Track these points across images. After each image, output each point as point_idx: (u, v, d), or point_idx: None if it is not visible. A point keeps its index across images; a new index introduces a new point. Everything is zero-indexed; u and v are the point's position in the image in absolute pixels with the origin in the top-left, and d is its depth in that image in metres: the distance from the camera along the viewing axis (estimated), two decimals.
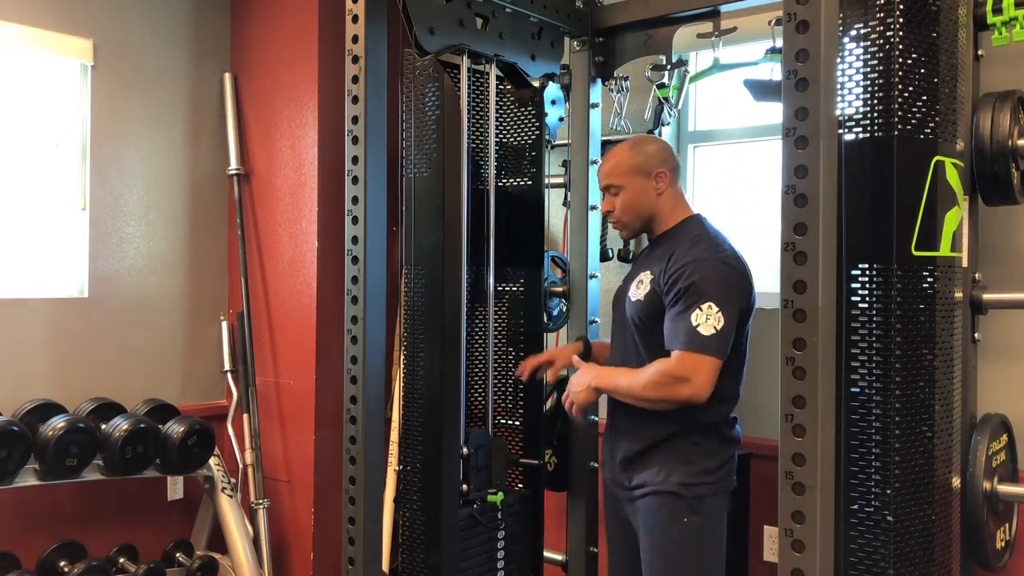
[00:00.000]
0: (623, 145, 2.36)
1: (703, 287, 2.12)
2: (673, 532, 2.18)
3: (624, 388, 2.23)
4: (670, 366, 2.13)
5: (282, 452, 3.52)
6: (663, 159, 2.32)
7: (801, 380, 1.75)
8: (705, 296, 2.11)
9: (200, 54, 3.64)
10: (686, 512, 2.18)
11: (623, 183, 2.32)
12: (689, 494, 2.19)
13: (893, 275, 1.88)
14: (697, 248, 2.21)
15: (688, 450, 2.22)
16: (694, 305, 2.11)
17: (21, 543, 3.00)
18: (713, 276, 2.14)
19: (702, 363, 2.10)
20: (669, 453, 2.22)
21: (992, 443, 2.21)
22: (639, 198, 2.32)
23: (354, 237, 2.38)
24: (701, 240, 2.25)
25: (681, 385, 2.11)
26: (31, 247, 3.24)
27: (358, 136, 2.37)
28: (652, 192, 2.31)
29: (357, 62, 2.35)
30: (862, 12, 1.92)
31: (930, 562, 1.90)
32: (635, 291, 2.31)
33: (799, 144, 1.75)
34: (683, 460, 2.21)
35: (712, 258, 2.18)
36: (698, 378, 2.09)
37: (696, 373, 2.09)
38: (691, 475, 2.20)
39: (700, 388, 2.09)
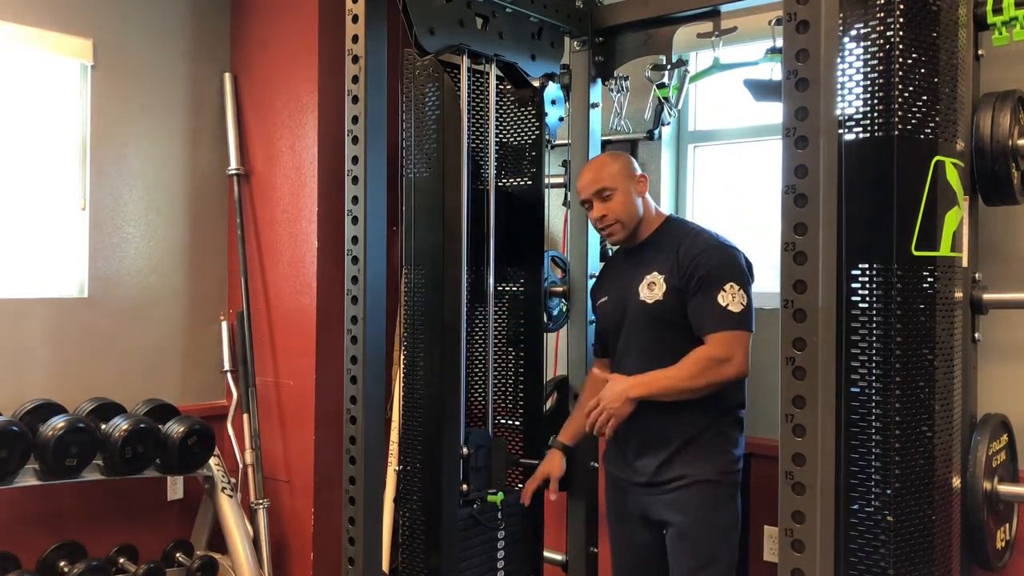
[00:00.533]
0: (601, 158, 2.50)
1: (721, 271, 2.25)
2: (719, 519, 2.30)
3: (667, 387, 2.27)
4: (710, 350, 2.23)
5: (282, 452, 3.52)
6: (636, 167, 2.46)
7: (801, 380, 1.75)
8: (724, 278, 2.24)
9: (200, 54, 3.64)
10: (727, 498, 2.32)
11: (616, 185, 2.39)
12: (728, 481, 2.32)
13: (893, 275, 1.88)
14: (701, 240, 2.33)
15: (719, 440, 2.33)
16: (717, 288, 2.24)
17: (21, 543, 3.00)
18: (728, 261, 2.28)
19: (738, 339, 2.23)
20: (705, 444, 2.32)
21: (992, 443, 2.21)
22: (633, 199, 2.41)
23: (354, 237, 2.38)
24: (700, 233, 2.37)
25: (725, 366, 2.22)
26: (31, 247, 3.24)
27: (358, 136, 2.37)
28: (637, 196, 2.42)
29: (357, 62, 2.35)
30: (862, 12, 1.92)
31: (930, 562, 1.90)
32: (648, 293, 2.36)
33: (799, 144, 1.75)
34: (718, 449, 2.32)
35: (720, 246, 2.32)
36: (738, 355, 2.23)
37: (736, 350, 2.22)
38: (728, 463, 2.33)
39: (742, 364, 2.24)
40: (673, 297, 2.32)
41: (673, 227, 2.43)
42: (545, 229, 2.85)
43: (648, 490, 2.37)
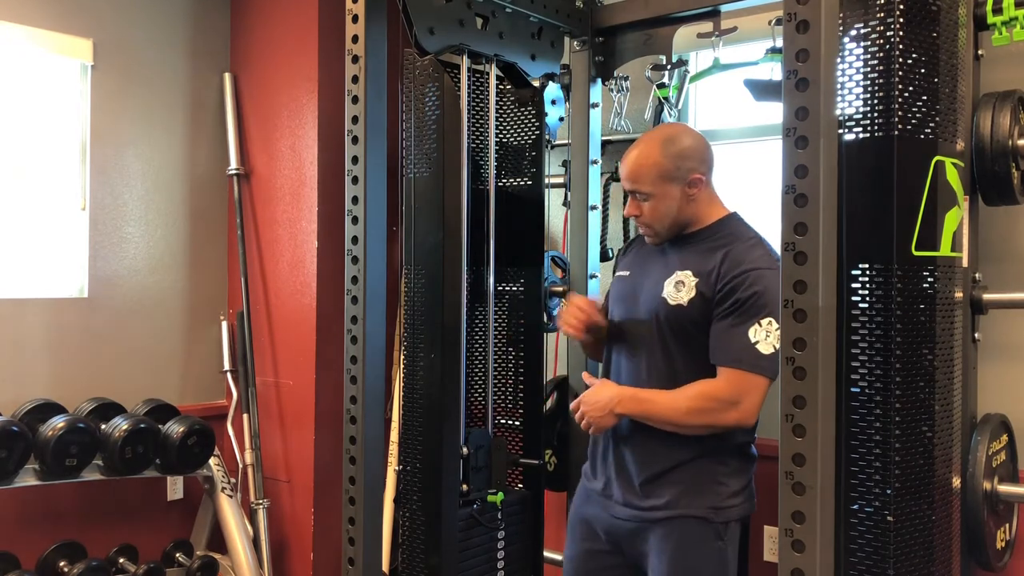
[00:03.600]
0: (652, 141, 2.06)
1: (766, 299, 1.93)
2: (699, 559, 2.01)
3: (656, 414, 2.00)
4: (717, 388, 1.94)
5: (282, 452, 3.52)
6: (699, 160, 2.05)
7: (801, 380, 1.75)
8: (767, 310, 1.93)
9: (200, 54, 3.64)
10: (713, 538, 2.02)
11: (652, 191, 2.04)
12: (718, 519, 2.02)
13: (893, 275, 1.88)
14: (755, 253, 2.00)
15: (717, 469, 2.03)
16: (753, 319, 1.93)
17: (21, 543, 3.00)
18: (777, 289, 1.91)
19: (756, 384, 1.92)
20: (697, 472, 2.03)
21: (992, 443, 2.21)
22: (671, 206, 2.05)
23: (354, 237, 2.38)
24: (756, 244, 2.03)
25: (728, 410, 1.92)
26: (31, 247, 3.24)
27: (358, 136, 2.37)
28: (685, 198, 2.04)
29: (357, 62, 2.35)
30: (862, 12, 1.92)
31: (930, 562, 1.90)
32: (674, 293, 2.05)
33: (799, 144, 1.75)
34: (712, 481, 2.02)
35: (774, 268, 1.90)
36: (748, 401, 1.92)
37: (747, 396, 1.92)
38: (721, 498, 2.02)
39: (749, 413, 1.92)
40: (698, 306, 2.01)
41: (728, 227, 2.08)
42: (545, 229, 2.85)
43: (632, 512, 2.09)
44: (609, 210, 3.19)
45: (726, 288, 1.97)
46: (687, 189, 2.04)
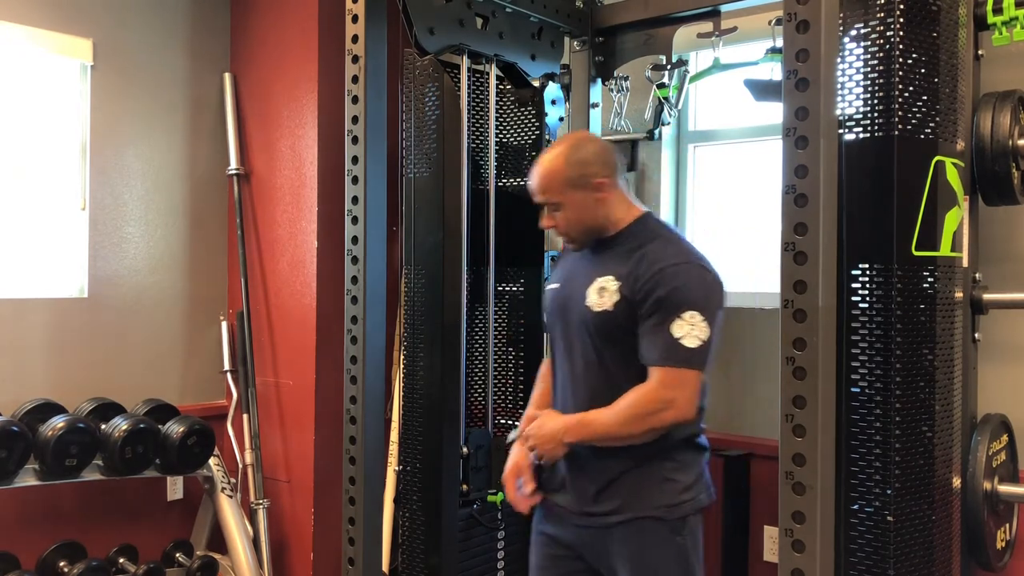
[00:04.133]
0: (555, 153, 2.05)
1: (685, 294, 1.91)
2: (659, 557, 2.01)
3: (601, 434, 1.97)
4: (649, 391, 1.92)
5: (282, 452, 3.52)
6: (602, 163, 2.04)
7: (801, 380, 1.75)
8: (687, 304, 1.90)
9: (200, 54, 3.64)
10: (671, 535, 2.01)
11: (561, 200, 2.03)
12: (673, 516, 2.00)
13: (893, 275, 1.88)
14: (671, 250, 1.99)
15: (665, 466, 2.01)
16: (675, 315, 1.90)
17: (21, 543, 3.00)
18: (695, 282, 1.92)
19: (686, 379, 1.90)
20: (647, 474, 2.01)
21: (992, 443, 2.21)
22: (582, 212, 2.04)
23: (354, 237, 2.38)
24: (672, 241, 2.02)
25: (666, 410, 1.90)
26: (31, 247, 3.24)
27: (358, 136, 2.37)
28: (594, 203, 2.03)
29: (357, 62, 2.35)
30: (862, 12, 1.92)
31: (930, 562, 1.90)
32: (596, 299, 2.02)
33: (799, 144, 1.75)
34: (662, 479, 2.01)
35: (691, 262, 1.95)
36: (683, 397, 1.90)
37: (681, 392, 1.90)
38: (673, 495, 2.01)
39: (686, 408, 1.92)
40: (623, 309, 1.97)
41: (643, 228, 2.05)
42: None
43: (581, 519, 2.07)
44: None
45: (646, 288, 1.95)
46: (594, 194, 2.03)
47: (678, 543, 2.01)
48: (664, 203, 3.23)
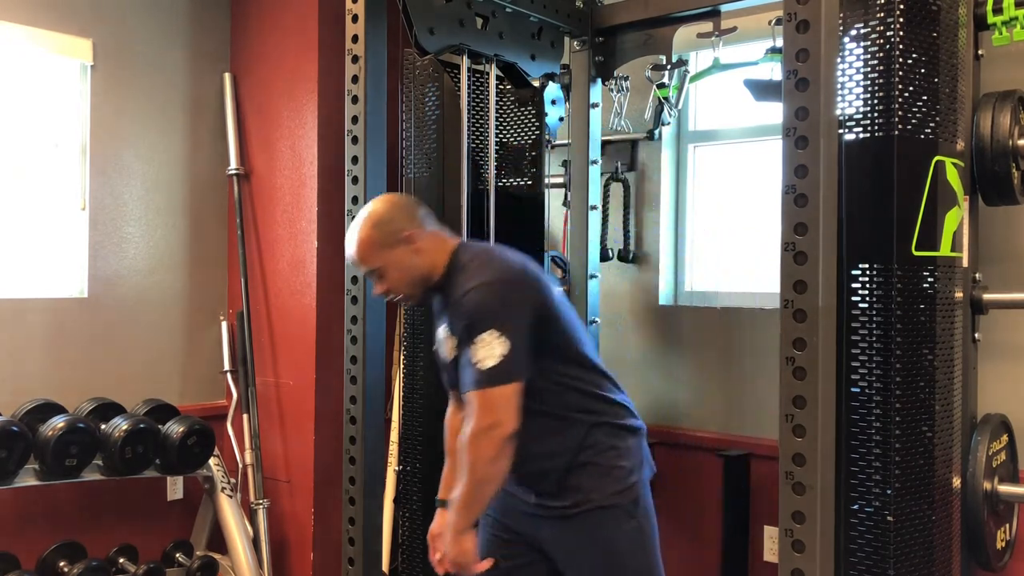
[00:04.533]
0: (359, 226, 2.10)
1: (474, 319, 1.94)
2: (619, 542, 2.06)
3: (471, 497, 1.95)
4: (471, 425, 1.92)
5: (282, 452, 3.52)
6: (403, 218, 2.09)
7: (801, 380, 1.75)
8: (477, 328, 1.92)
9: (200, 54, 3.64)
10: (626, 518, 2.06)
11: (380, 264, 2.07)
12: (625, 500, 2.05)
13: (893, 275, 1.88)
14: (462, 280, 2.01)
15: (608, 455, 2.06)
16: (471, 342, 1.93)
17: (21, 543, 3.00)
18: (480, 302, 1.94)
19: (491, 399, 1.91)
20: (595, 466, 2.05)
21: (992, 443, 2.21)
22: (403, 269, 2.07)
23: None
24: (465, 269, 2.04)
25: (493, 434, 1.90)
26: (31, 247, 3.24)
27: (358, 136, 2.37)
28: (411, 256, 2.07)
29: (357, 62, 2.35)
30: (862, 12, 1.92)
31: (930, 562, 1.90)
32: (445, 350, 2.11)
33: (799, 144, 1.75)
34: (610, 468, 2.05)
35: (475, 284, 1.96)
36: (503, 414, 1.90)
37: (499, 411, 1.91)
38: (622, 480, 2.05)
39: (508, 424, 1.91)
40: (463, 351, 2.00)
41: (455, 264, 2.07)
42: (545, 229, 2.85)
43: (537, 510, 2.10)
44: (609, 210, 3.20)
45: (457, 328, 2.01)
46: (408, 247, 2.07)
47: (634, 525, 2.07)
48: (664, 203, 3.23)
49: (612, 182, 3.22)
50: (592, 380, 2.10)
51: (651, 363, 3.20)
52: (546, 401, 2.03)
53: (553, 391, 2.04)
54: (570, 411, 2.06)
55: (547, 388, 2.03)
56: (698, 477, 3.04)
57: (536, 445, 2.04)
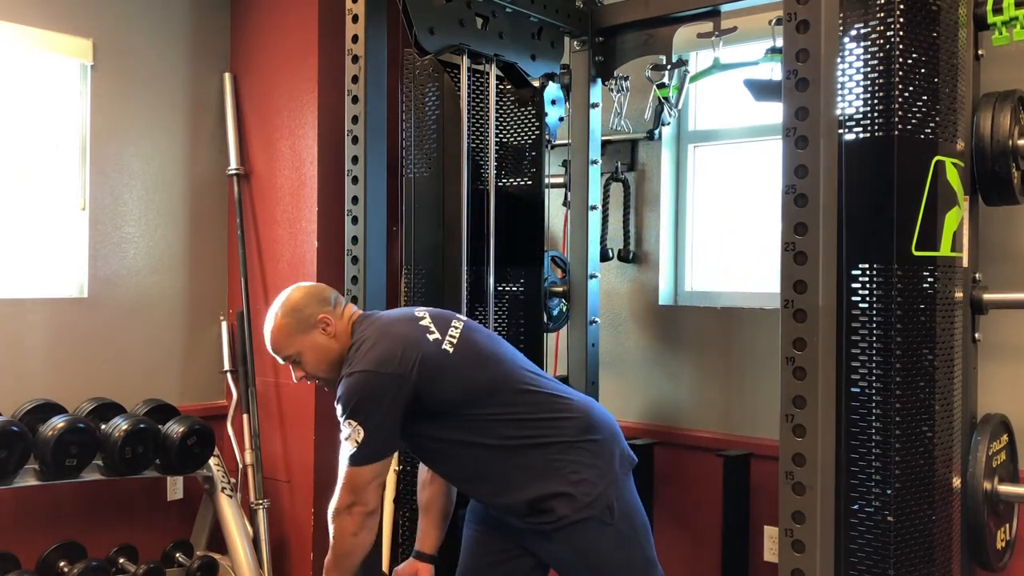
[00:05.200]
0: (273, 314, 2.15)
1: (341, 404, 2.02)
2: (601, 549, 2.07)
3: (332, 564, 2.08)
4: (336, 501, 2.04)
5: (282, 452, 3.52)
6: (316, 303, 2.13)
7: (801, 380, 1.75)
8: (344, 412, 2.01)
9: (200, 54, 3.64)
10: (602, 527, 2.06)
11: (296, 350, 2.12)
12: (596, 511, 2.04)
13: (893, 275, 1.88)
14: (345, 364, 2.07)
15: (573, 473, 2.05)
16: (341, 424, 2.03)
17: (21, 543, 3.00)
18: (347, 390, 2.01)
19: (357, 476, 2.01)
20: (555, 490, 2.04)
21: (992, 443, 2.21)
22: (318, 353, 2.12)
23: (354, 237, 2.38)
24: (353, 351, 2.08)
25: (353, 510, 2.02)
26: (31, 247, 3.24)
27: (358, 136, 2.37)
28: (326, 339, 2.11)
29: (357, 62, 2.35)
30: (862, 12, 1.92)
31: (930, 562, 1.90)
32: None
33: (799, 144, 1.75)
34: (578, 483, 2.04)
35: (347, 372, 2.03)
36: (361, 494, 2.02)
37: (356, 490, 2.02)
38: (587, 494, 2.04)
39: (368, 501, 2.03)
40: None
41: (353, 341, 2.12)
42: (545, 229, 2.85)
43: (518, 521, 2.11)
44: (609, 210, 3.20)
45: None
46: (321, 331, 2.11)
47: (613, 531, 2.06)
48: (664, 203, 3.23)
49: (612, 182, 3.22)
50: (528, 405, 2.08)
51: (651, 363, 3.20)
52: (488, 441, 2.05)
53: (489, 429, 2.05)
54: (514, 442, 2.05)
55: (481, 429, 2.05)
56: (698, 477, 3.04)
57: (493, 484, 2.08)
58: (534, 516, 2.07)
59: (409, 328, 2.08)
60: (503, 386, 2.08)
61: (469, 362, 2.08)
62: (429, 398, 2.02)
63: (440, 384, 2.04)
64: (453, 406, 2.05)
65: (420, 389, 2.01)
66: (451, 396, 2.05)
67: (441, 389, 2.04)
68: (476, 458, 2.08)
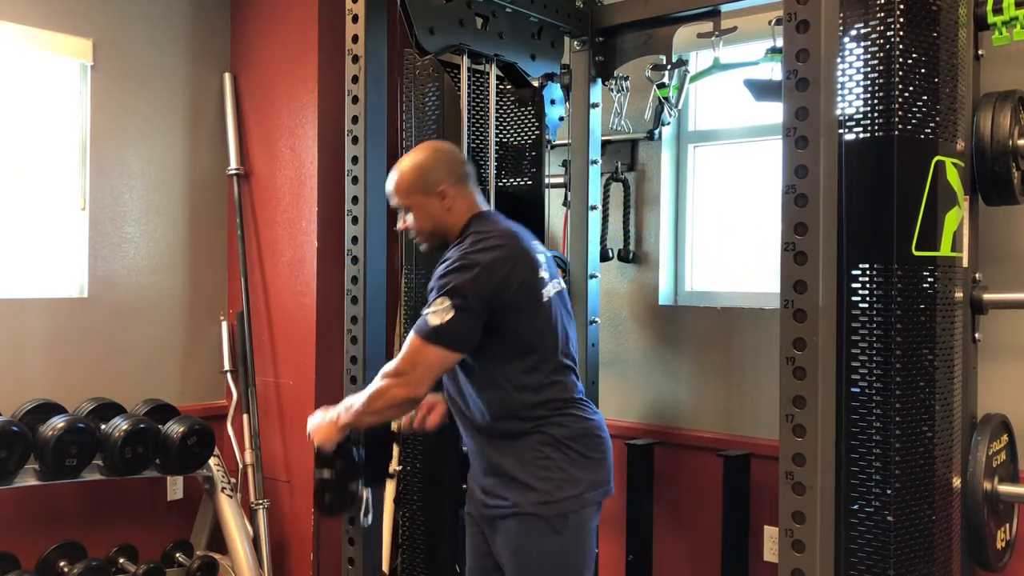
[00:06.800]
0: (404, 160, 2.18)
1: (440, 283, 2.00)
2: (539, 554, 2.04)
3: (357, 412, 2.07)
4: (394, 366, 2.01)
5: (282, 452, 3.52)
6: (444, 172, 2.13)
7: (801, 380, 1.75)
8: (439, 290, 1.99)
9: (200, 54, 3.64)
10: (549, 533, 2.03)
11: (408, 203, 2.15)
12: (550, 512, 2.02)
13: (893, 275, 1.88)
14: (454, 249, 2.08)
15: (535, 464, 2.05)
16: (431, 301, 2.01)
17: (21, 543, 3.00)
18: (451, 273, 1.99)
19: (424, 354, 1.97)
20: (525, 470, 2.05)
21: (992, 443, 2.21)
22: (426, 217, 2.14)
23: (354, 237, 2.38)
24: (464, 240, 2.09)
25: (396, 385, 1.99)
26: (31, 247, 3.24)
27: (358, 136, 2.37)
28: (439, 209, 2.13)
29: (357, 62, 2.35)
30: (862, 12, 1.92)
31: (930, 562, 1.90)
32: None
33: (799, 144, 1.75)
34: (539, 476, 2.04)
35: (457, 255, 2.03)
36: (417, 372, 1.98)
37: (416, 367, 1.98)
38: (550, 492, 2.03)
39: (415, 386, 1.99)
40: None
41: (465, 231, 2.13)
42: (545, 229, 2.85)
43: (479, 508, 2.17)
44: (609, 210, 3.20)
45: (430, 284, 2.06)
46: (438, 200, 2.13)
47: (557, 541, 2.04)
48: (664, 203, 3.23)
49: (612, 182, 3.22)
50: (555, 388, 2.09)
51: (651, 363, 3.20)
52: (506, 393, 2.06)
53: (514, 382, 2.06)
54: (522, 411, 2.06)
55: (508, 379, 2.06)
56: (698, 477, 3.04)
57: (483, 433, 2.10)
58: (492, 498, 2.10)
59: (529, 250, 2.11)
60: (551, 356, 2.10)
61: (548, 318, 2.10)
62: (504, 321, 2.02)
63: (520, 316, 2.05)
64: (509, 342, 2.05)
65: (507, 307, 2.01)
66: (517, 332, 2.06)
67: (518, 320, 2.05)
68: (486, 399, 2.08)
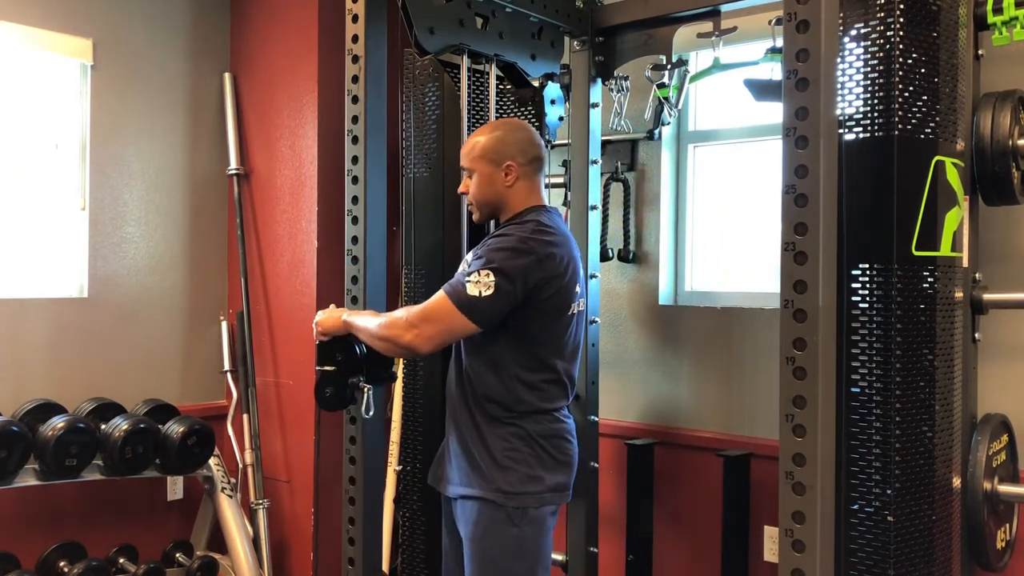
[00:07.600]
0: (487, 127, 2.23)
1: (489, 256, 2.00)
2: (493, 544, 2.05)
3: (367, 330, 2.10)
4: (414, 314, 2.02)
5: (282, 452, 3.52)
6: (519, 150, 2.16)
7: (801, 380, 1.75)
8: (486, 263, 1.99)
9: (200, 54, 3.64)
10: (507, 523, 2.04)
11: (474, 167, 2.17)
12: (509, 504, 2.03)
13: (893, 275, 1.88)
14: (513, 227, 2.09)
15: (501, 450, 2.07)
16: (474, 269, 2.00)
17: (21, 543, 3.00)
18: (502, 247, 2.01)
19: (439, 308, 1.99)
20: (487, 455, 2.07)
21: (992, 443, 2.21)
22: (486, 185, 2.16)
23: (354, 237, 2.38)
24: (525, 224, 2.10)
25: (408, 329, 2.00)
26: (31, 247, 3.24)
27: (358, 136, 2.37)
28: (500, 182, 2.15)
29: (357, 62, 2.35)
30: (862, 12, 1.92)
31: (930, 562, 1.90)
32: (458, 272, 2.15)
33: (799, 144, 1.75)
34: (502, 465, 2.05)
35: (521, 236, 2.04)
36: (429, 329, 1.99)
37: (432, 322, 1.99)
38: (513, 483, 2.04)
39: (423, 338, 2.00)
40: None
41: (519, 218, 2.15)
42: None
43: (444, 487, 2.20)
44: (609, 210, 3.20)
45: (472, 255, 2.07)
46: (502, 174, 2.15)
47: (515, 534, 2.05)
48: (664, 203, 3.23)
49: (612, 182, 3.22)
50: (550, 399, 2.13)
51: (651, 363, 3.20)
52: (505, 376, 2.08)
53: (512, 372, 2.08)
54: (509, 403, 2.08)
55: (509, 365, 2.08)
56: (698, 477, 3.04)
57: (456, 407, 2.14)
58: (458, 478, 2.12)
59: (577, 260, 2.16)
60: (555, 364, 2.12)
61: (567, 329, 2.13)
62: (531, 314, 2.05)
63: (547, 317, 2.08)
64: (526, 335, 2.08)
65: (540, 303, 2.04)
66: (538, 329, 2.08)
67: (543, 319, 2.07)
68: (482, 379, 2.10)
